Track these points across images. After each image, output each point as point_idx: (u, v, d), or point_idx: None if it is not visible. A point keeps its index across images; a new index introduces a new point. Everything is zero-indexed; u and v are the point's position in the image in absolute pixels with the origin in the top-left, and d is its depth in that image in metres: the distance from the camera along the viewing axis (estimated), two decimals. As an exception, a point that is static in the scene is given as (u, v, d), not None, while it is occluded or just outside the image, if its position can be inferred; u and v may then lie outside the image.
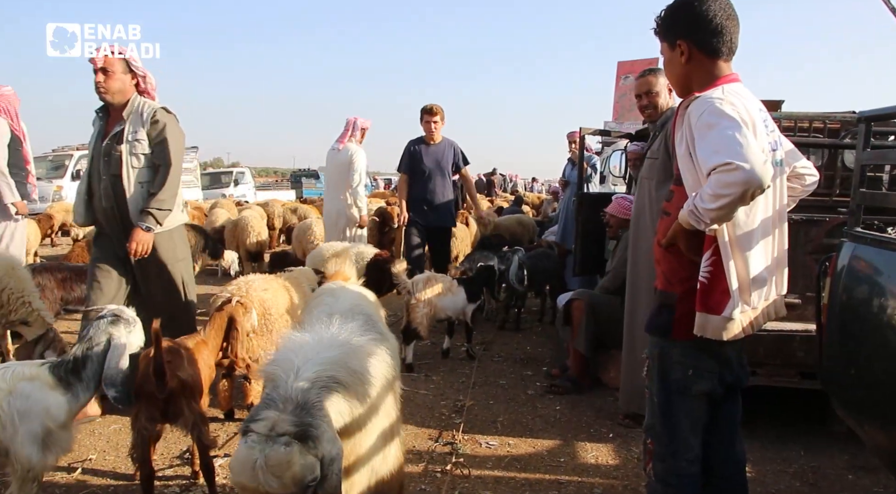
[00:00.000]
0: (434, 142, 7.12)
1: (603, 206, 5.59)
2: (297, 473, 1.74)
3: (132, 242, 4.24)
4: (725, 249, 2.20)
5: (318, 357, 2.06)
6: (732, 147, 2.00)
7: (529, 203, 18.23)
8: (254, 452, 1.73)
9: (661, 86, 4.42)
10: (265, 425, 1.79)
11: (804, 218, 4.09)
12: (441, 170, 7.10)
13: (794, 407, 4.65)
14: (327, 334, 2.28)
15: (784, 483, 3.72)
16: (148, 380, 2.96)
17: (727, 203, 2.01)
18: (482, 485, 3.62)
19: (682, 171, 2.30)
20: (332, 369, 2.03)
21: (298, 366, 1.99)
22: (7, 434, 2.68)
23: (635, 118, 14.75)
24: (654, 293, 2.57)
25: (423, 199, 7.09)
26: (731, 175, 1.97)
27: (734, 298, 2.20)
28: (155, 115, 4.36)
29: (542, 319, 7.94)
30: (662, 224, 2.49)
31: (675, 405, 2.42)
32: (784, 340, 4.06)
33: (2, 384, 2.73)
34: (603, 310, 5.10)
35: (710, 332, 2.25)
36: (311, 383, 1.94)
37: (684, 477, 2.41)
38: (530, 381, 5.52)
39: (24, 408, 2.72)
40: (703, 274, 2.24)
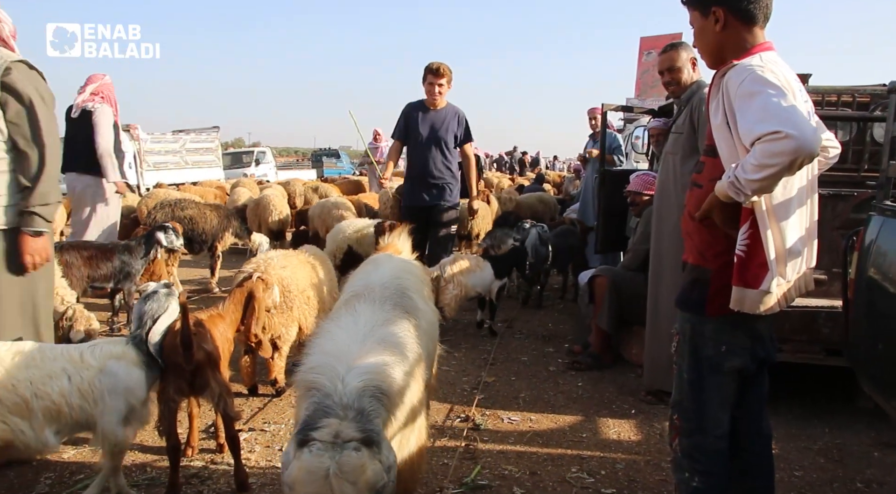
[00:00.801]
0: (435, 108, 6.06)
1: (625, 183, 5.55)
2: (371, 478, 1.73)
3: (24, 255, 3.30)
4: (763, 220, 2.16)
5: (362, 365, 2.01)
6: (779, 114, 1.95)
7: (551, 181, 18.10)
8: (324, 459, 1.70)
9: (683, 62, 4.35)
10: (328, 432, 1.76)
11: (831, 192, 4.04)
12: (439, 140, 6.02)
13: (817, 384, 4.62)
14: (359, 333, 2.23)
15: (808, 459, 3.70)
16: (176, 352, 3.00)
17: (773, 173, 1.96)
18: (504, 460, 3.64)
19: (718, 142, 2.25)
20: (377, 378, 1.99)
21: (343, 374, 1.95)
22: (97, 410, 2.83)
23: (658, 94, 14.61)
24: (682, 268, 2.55)
25: (418, 175, 6.12)
26: (779, 144, 1.92)
27: (772, 271, 2.16)
28: (9, 72, 3.21)
29: (564, 296, 7.94)
30: (693, 196, 2.45)
31: (706, 381, 2.40)
32: (809, 316, 4.02)
33: (93, 362, 2.87)
34: (626, 287, 5.09)
35: (748, 306, 2.22)
36: (363, 394, 1.90)
37: (712, 453, 2.41)
38: (552, 358, 5.53)
39: (112, 386, 2.86)
40: (740, 248, 2.20)
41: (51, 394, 2.74)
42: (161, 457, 3.56)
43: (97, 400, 2.83)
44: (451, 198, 6.17)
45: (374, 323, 2.31)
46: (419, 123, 6.05)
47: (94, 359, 2.88)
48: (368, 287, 2.61)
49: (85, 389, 2.81)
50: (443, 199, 6.09)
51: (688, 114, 4.17)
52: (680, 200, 4.12)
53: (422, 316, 2.65)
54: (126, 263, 5.73)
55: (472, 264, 5.87)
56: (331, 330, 2.27)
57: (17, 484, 3.27)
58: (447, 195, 6.12)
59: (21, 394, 2.68)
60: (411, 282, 2.93)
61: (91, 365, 2.86)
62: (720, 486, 2.43)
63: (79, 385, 2.80)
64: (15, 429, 2.67)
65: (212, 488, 3.28)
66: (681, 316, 2.50)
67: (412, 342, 2.38)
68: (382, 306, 2.50)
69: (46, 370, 2.78)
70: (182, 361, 3.00)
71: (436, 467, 3.51)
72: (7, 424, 2.66)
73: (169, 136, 21.84)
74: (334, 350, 2.10)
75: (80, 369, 2.84)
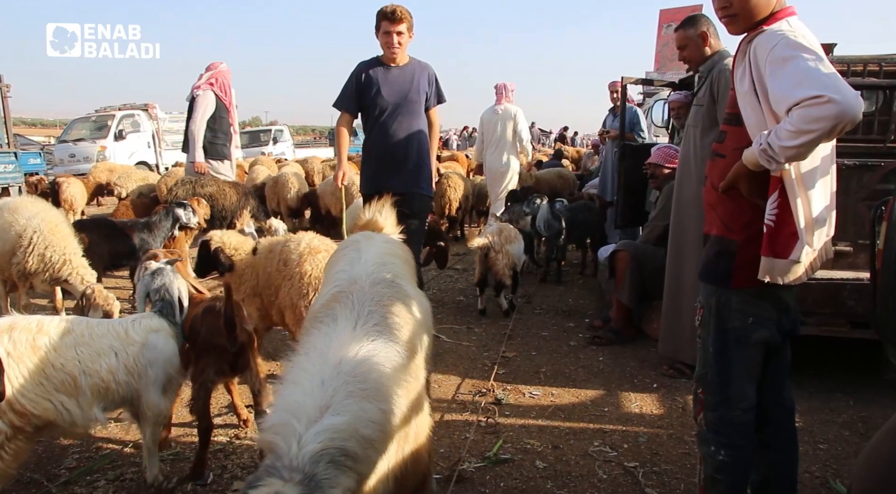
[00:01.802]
0: (397, 64, 4.76)
1: (645, 157, 5.49)
2: None
3: None
4: (792, 189, 2.11)
5: (325, 423, 1.71)
6: (820, 79, 1.90)
7: (569, 157, 17.96)
8: None
9: (690, 39, 4.29)
10: (265, 491, 1.57)
11: (857, 163, 3.96)
12: (409, 105, 4.76)
13: (841, 357, 4.57)
14: (330, 369, 1.87)
15: (833, 432, 3.67)
16: (219, 334, 3.01)
17: (812, 139, 1.91)
18: (526, 434, 3.64)
19: (744, 109, 2.20)
20: (342, 438, 1.69)
21: (301, 434, 1.68)
22: (142, 382, 2.90)
23: (678, 68, 14.39)
24: (705, 240, 2.51)
25: (383, 154, 4.77)
26: (821, 108, 1.87)
27: (802, 240, 2.12)
28: None
29: (584, 272, 7.89)
30: (716, 167, 2.40)
31: (732, 354, 2.37)
32: (834, 289, 3.97)
33: (136, 337, 2.93)
34: (647, 262, 5.05)
35: (777, 276, 2.19)
36: (318, 458, 1.64)
37: (737, 426, 2.38)
38: (572, 333, 5.51)
39: (153, 358, 2.94)
40: (769, 218, 2.16)
41: (99, 372, 2.79)
42: (185, 432, 3.61)
43: (141, 374, 2.89)
44: (426, 185, 4.92)
45: (352, 349, 1.97)
46: (380, 85, 4.72)
47: (137, 334, 2.93)
48: (352, 281, 2.34)
49: (131, 364, 2.87)
50: (417, 186, 4.83)
51: (708, 85, 4.11)
52: (700, 173, 4.08)
53: (415, 306, 2.38)
54: (145, 241, 5.78)
55: (513, 235, 5.91)
56: (298, 369, 1.94)
57: (45, 459, 3.32)
58: (422, 180, 4.87)
59: (69, 372, 2.72)
60: (398, 267, 2.63)
61: (135, 341, 2.92)
62: (746, 459, 2.42)
63: (125, 361, 2.86)
64: (59, 408, 2.69)
65: (236, 463, 3.32)
66: (705, 289, 2.47)
67: (411, 336, 2.17)
68: (372, 293, 2.25)
69: (95, 347, 2.82)
70: (227, 343, 3.02)
71: (457, 441, 3.52)
72: (52, 402, 2.68)
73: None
74: (296, 402, 1.79)
75: (127, 345, 2.89)
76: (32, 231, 4.86)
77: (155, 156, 19.60)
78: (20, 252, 4.85)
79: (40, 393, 2.65)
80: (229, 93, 7.14)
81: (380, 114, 4.74)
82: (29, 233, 4.86)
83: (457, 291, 6.97)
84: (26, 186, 11.12)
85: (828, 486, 3.12)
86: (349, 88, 4.79)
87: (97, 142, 18.14)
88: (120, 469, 3.26)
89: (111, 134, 18.39)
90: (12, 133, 11.24)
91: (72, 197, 10.65)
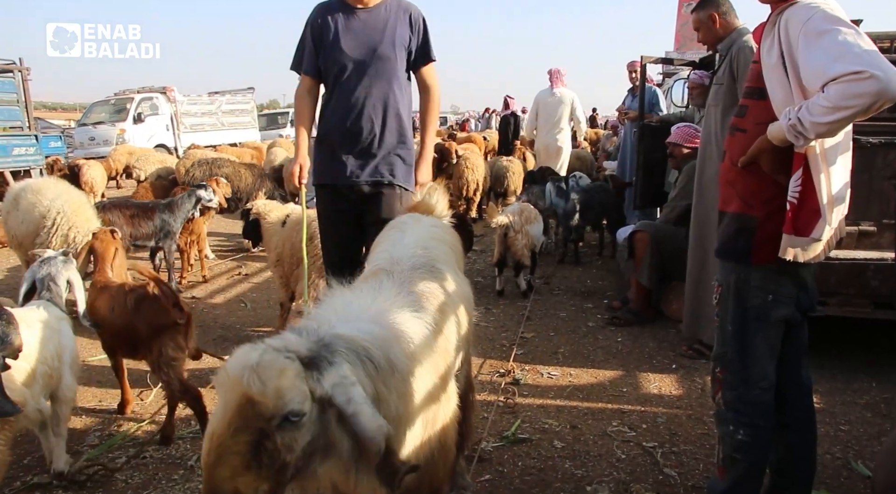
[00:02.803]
0: (365, 5, 3.39)
1: (664, 137, 5.43)
2: (283, 387, 1.48)
3: None
4: (816, 166, 2.07)
5: (360, 324, 1.76)
6: (859, 54, 1.85)
7: (588, 139, 17.83)
8: (252, 353, 1.52)
9: (701, 22, 4.29)
10: (280, 341, 1.59)
11: (883, 141, 3.88)
12: (380, 63, 3.37)
13: (863, 338, 4.53)
14: (376, 302, 1.94)
15: (855, 414, 3.64)
16: (161, 314, 3.15)
17: (848, 116, 1.87)
18: (545, 414, 3.65)
19: (770, 83, 2.16)
20: (371, 343, 1.70)
21: (335, 324, 1.72)
22: (64, 366, 2.97)
23: (698, 48, 14.20)
24: (721, 217, 2.47)
25: (342, 132, 3.42)
26: (861, 84, 1.82)
27: (824, 217, 2.09)
28: None
29: (602, 253, 7.86)
30: (735, 142, 2.35)
31: (752, 332, 2.34)
32: (858, 269, 3.91)
33: (53, 324, 2.97)
34: (667, 242, 5.01)
35: (797, 254, 2.16)
36: (342, 338, 1.66)
37: (756, 405, 2.36)
38: (591, 314, 5.50)
39: (66, 344, 3.02)
40: (793, 195, 2.12)
41: (48, 358, 2.84)
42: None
43: (61, 357, 2.96)
44: (403, 175, 3.48)
45: (398, 293, 2.04)
46: (339, 35, 3.37)
47: (53, 321, 2.98)
48: (394, 261, 2.29)
49: (58, 350, 2.94)
50: (391, 176, 3.44)
51: (728, 64, 4.07)
52: (721, 152, 4.03)
53: (453, 291, 2.31)
54: (166, 222, 5.83)
55: (533, 215, 5.91)
56: (345, 292, 2.02)
57: (67, 436, 3.36)
58: (397, 169, 3.46)
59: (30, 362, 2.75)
60: (441, 252, 2.52)
61: (55, 327, 2.98)
62: (766, 438, 2.40)
63: (56, 347, 2.93)
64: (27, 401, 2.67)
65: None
66: (723, 267, 2.43)
67: (443, 316, 2.11)
68: (411, 276, 2.21)
69: (40, 335, 2.87)
70: (177, 318, 3.15)
71: (476, 421, 3.53)
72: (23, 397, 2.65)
73: (205, 98, 21.97)
74: (339, 305, 1.88)
75: (54, 332, 2.95)
76: (56, 212, 4.92)
77: (173, 139, 19.71)
78: (44, 232, 4.91)
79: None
80: None
81: (339, 74, 3.35)
82: (52, 214, 4.92)
83: (475, 272, 6.96)
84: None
85: (849, 467, 3.10)
86: (305, 42, 3.46)
87: (116, 126, 18.25)
88: (140, 447, 3.30)
89: (130, 117, 18.50)
90: (33, 116, 11.32)
91: (92, 179, 10.73)
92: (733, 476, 2.41)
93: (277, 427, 1.47)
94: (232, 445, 1.44)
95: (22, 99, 10.95)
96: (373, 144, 3.38)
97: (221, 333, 5.03)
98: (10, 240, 5.57)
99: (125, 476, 3.06)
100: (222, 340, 4.85)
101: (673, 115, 6.98)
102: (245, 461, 1.44)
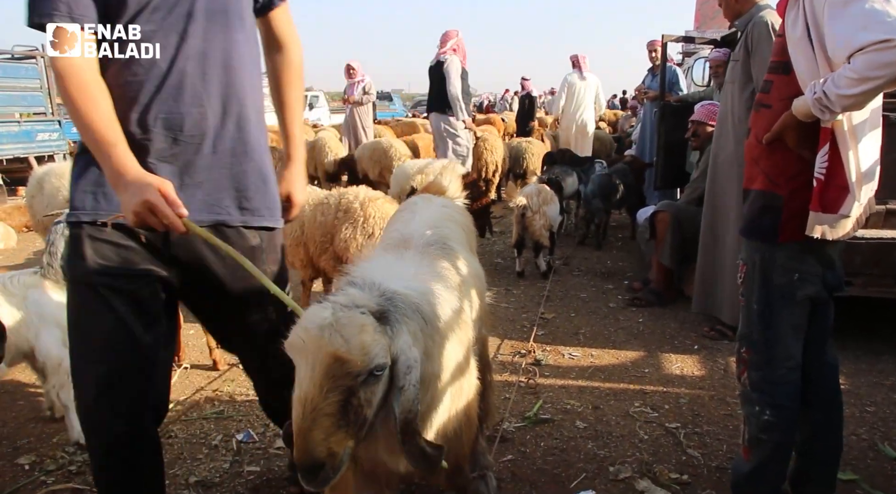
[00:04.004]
0: None
1: (685, 117, 5.37)
2: (367, 342, 1.47)
3: None
4: (844, 141, 2.02)
5: (406, 281, 1.77)
6: (888, 21, 1.78)
7: (606, 119, 17.70)
8: (325, 311, 1.51)
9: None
10: (345, 296, 1.57)
11: (914, 117, 3.80)
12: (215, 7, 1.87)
13: (888, 320, 4.47)
14: (404, 264, 1.98)
15: (881, 395, 3.60)
16: None
17: (875, 87, 1.82)
18: (566, 394, 3.64)
19: (795, 57, 2.10)
20: (419, 298, 1.73)
21: (384, 280, 1.70)
22: (31, 333, 3.03)
23: (718, 26, 14.01)
24: (745, 195, 2.43)
25: (147, 124, 1.82)
26: (889, 53, 1.76)
27: (853, 194, 2.04)
28: None
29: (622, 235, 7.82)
30: (761, 118, 2.30)
31: (777, 311, 2.30)
32: (886, 249, 3.84)
33: (16, 291, 3.04)
34: (689, 223, 4.96)
35: (825, 232, 2.11)
36: (397, 293, 1.66)
37: (782, 385, 2.33)
38: (611, 294, 5.48)
39: (39, 313, 3.05)
40: (819, 171, 2.07)
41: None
42: (227, 390, 3.68)
43: (29, 326, 3.02)
44: (264, 203, 2.07)
45: (420, 263, 2.05)
46: None
47: (15, 289, 3.04)
48: (405, 239, 2.26)
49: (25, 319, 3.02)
50: (239, 209, 2.00)
51: (744, 40, 4.01)
52: (736, 130, 3.99)
53: (467, 270, 2.26)
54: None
55: (549, 196, 5.89)
56: (377, 256, 2.06)
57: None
58: (252, 193, 2.02)
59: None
60: (454, 231, 2.46)
61: (19, 297, 3.04)
62: (792, 419, 2.36)
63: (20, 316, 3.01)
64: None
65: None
66: (748, 246, 2.39)
67: (460, 290, 2.08)
68: (425, 252, 2.19)
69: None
70: None
71: (497, 401, 3.53)
72: None
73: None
74: (380, 265, 1.88)
75: (18, 301, 3.03)
76: (78, 196, 4.95)
77: None
78: (66, 216, 4.95)
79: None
80: (466, 58, 7.60)
81: (131, 20, 1.79)
82: (75, 198, 4.95)
83: (494, 253, 6.96)
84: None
85: (876, 449, 3.07)
86: None
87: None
88: (165, 427, 3.34)
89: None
90: (56, 102, 11.40)
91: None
92: (759, 457, 2.39)
93: (363, 383, 1.50)
94: (325, 407, 1.46)
95: (45, 85, 11.04)
96: (201, 150, 1.90)
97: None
98: (35, 225, 5.63)
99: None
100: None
101: (693, 95, 6.92)
102: (336, 420, 1.48)
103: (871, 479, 2.82)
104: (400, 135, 12.54)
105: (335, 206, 4.33)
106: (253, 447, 3.15)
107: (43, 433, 3.28)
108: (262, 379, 2.34)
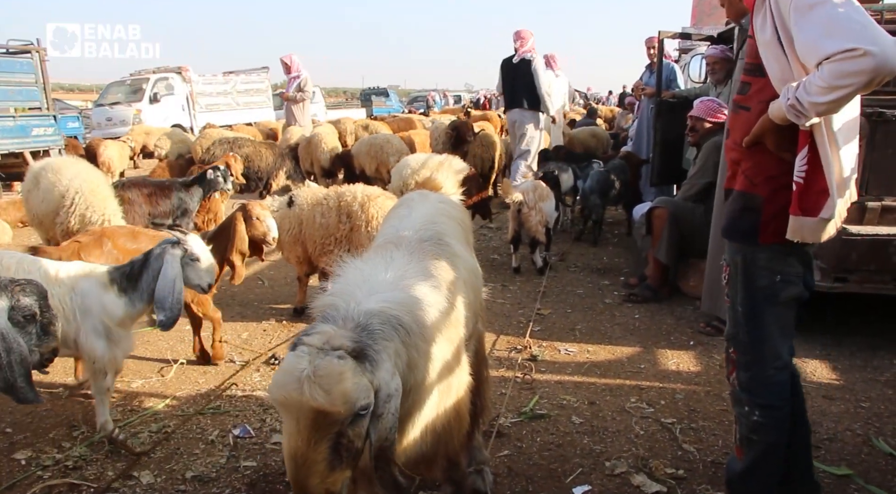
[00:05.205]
0: None
1: (681, 113, 5.37)
2: (348, 390, 1.50)
3: None
4: (824, 145, 1.99)
5: (387, 294, 1.79)
6: (852, 28, 1.75)
7: (602, 116, 17.70)
8: (301, 361, 1.53)
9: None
10: (319, 338, 1.58)
11: (908, 115, 3.81)
12: None
13: (883, 315, 4.49)
14: (390, 269, 1.97)
15: (875, 391, 3.62)
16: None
17: (845, 95, 1.79)
18: (562, 390, 3.65)
19: (767, 60, 2.07)
20: (400, 309, 1.74)
21: (361, 299, 1.74)
22: (71, 327, 2.96)
23: (715, 22, 14.00)
24: (726, 196, 2.40)
25: None
26: (855, 62, 1.73)
27: (833, 197, 2.01)
28: None
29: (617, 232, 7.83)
30: (739, 120, 2.28)
31: (763, 313, 2.29)
32: (880, 245, 3.85)
33: (66, 281, 2.99)
34: (685, 219, 4.98)
35: (807, 235, 2.08)
36: (374, 315, 1.68)
37: (772, 386, 2.32)
38: (607, 291, 5.49)
39: (83, 305, 2.99)
40: (798, 175, 2.03)
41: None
42: (225, 387, 3.68)
43: (70, 318, 2.95)
44: None
45: (408, 263, 2.06)
46: None
47: (66, 278, 3.00)
48: (400, 235, 2.31)
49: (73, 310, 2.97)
50: None
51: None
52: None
53: (461, 265, 2.30)
54: (183, 200, 5.87)
55: (545, 193, 5.90)
56: (359, 263, 2.01)
57: (90, 409, 3.40)
58: None
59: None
60: (449, 227, 2.53)
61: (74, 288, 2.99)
62: (782, 419, 2.34)
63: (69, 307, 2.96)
64: None
65: (275, 417, 3.37)
66: (730, 247, 2.37)
67: (452, 287, 2.11)
68: (419, 248, 2.21)
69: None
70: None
71: (494, 397, 3.54)
72: None
73: (220, 78, 21.96)
74: (359, 278, 1.88)
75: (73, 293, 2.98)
76: (74, 191, 4.95)
77: (189, 119, 19.74)
78: (63, 212, 4.95)
79: None
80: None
81: None
82: (71, 194, 4.94)
83: (490, 249, 6.96)
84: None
85: (870, 444, 3.08)
86: None
87: (133, 106, 18.33)
88: (163, 422, 3.35)
89: (146, 97, 18.57)
90: (51, 97, 11.37)
91: (109, 159, 10.81)
92: (751, 457, 2.38)
93: (350, 424, 1.55)
94: (315, 456, 1.52)
95: (40, 79, 11.00)
96: None
97: (240, 311, 5.06)
98: (31, 219, 5.62)
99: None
100: (240, 318, 4.88)
101: (689, 91, 6.91)
102: (329, 464, 1.53)
103: (866, 474, 2.83)
104: (396, 131, 12.53)
105: (335, 208, 4.30)
106: (249, 442, 3.16)
107: (39, 428, 3.28)
108: None
